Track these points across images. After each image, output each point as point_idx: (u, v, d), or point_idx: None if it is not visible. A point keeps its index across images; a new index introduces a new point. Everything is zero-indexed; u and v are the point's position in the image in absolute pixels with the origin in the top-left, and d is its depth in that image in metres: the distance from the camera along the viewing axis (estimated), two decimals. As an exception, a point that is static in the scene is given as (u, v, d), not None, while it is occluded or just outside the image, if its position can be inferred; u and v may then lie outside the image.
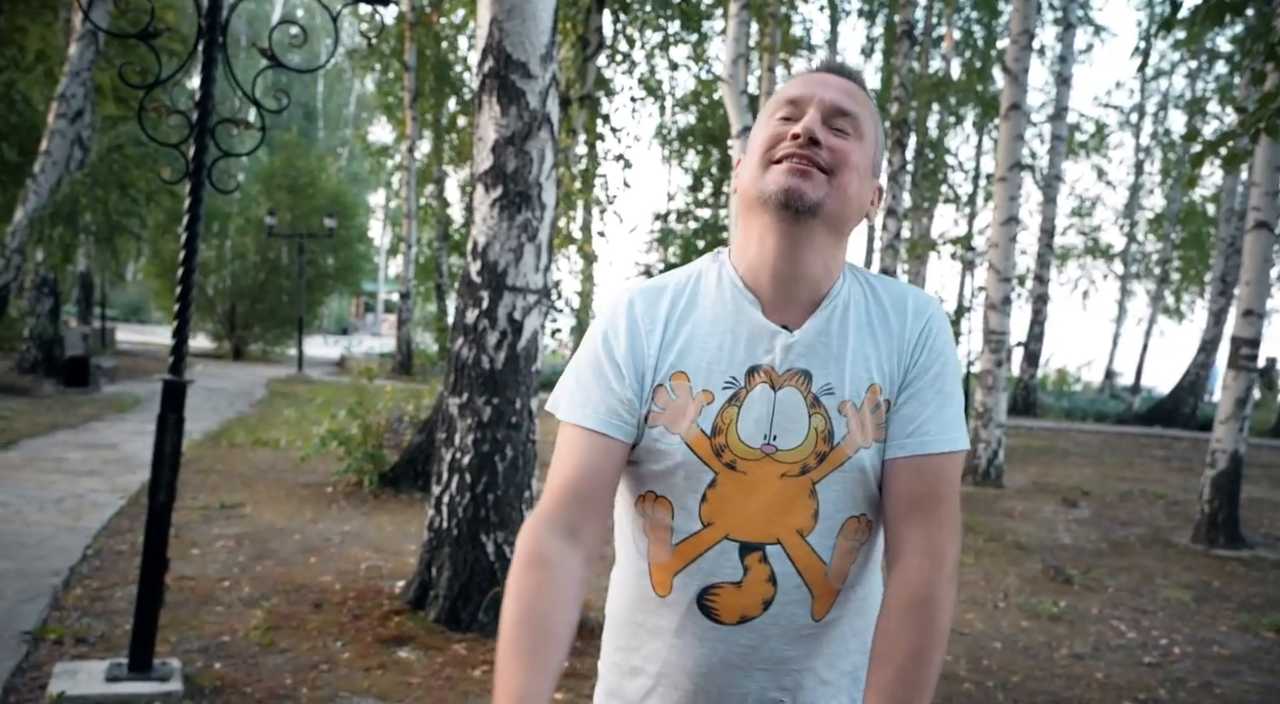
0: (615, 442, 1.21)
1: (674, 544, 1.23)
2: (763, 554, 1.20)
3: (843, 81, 1.24)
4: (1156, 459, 12.85)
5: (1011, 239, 9.87)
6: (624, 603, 1.32)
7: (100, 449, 8.50)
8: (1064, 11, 18.26)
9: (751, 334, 1.21)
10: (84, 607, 4.26)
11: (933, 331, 1.24)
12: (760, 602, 1.21)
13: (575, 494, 1.20)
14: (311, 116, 41.92)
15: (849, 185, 1.19)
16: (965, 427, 1.25)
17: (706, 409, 1.20)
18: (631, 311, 1.25)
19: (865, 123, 1.22)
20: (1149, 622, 5.14)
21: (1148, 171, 25.38)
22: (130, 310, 35.27)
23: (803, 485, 1.19)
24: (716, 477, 1.20)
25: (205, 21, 3.34)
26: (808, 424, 1.19)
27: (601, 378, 1.23)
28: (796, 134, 1.18)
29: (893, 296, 1.26)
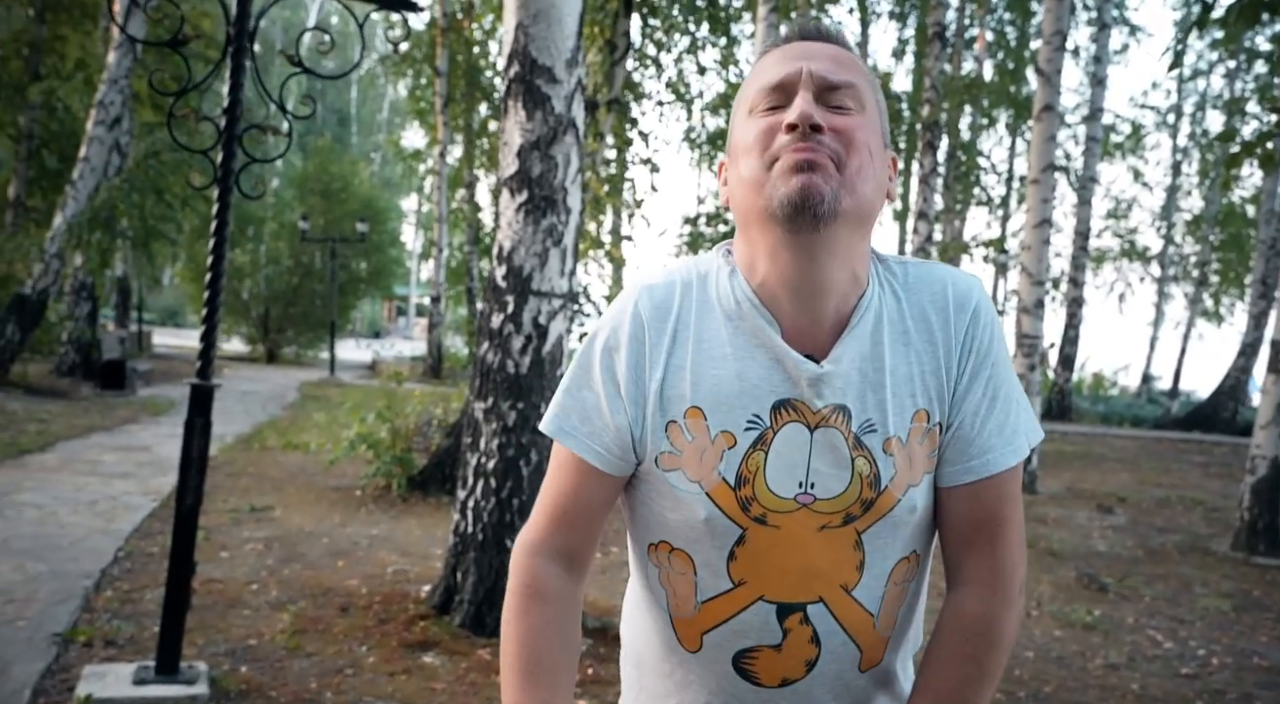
0: (607, 476, 1.10)
1: (701, 601, 1.09)
2: (804, 615, 1.06)
3: (828, 47, 1.04)
4: (1195, 465, 12.63)
5: (1045, 242, 9.75)
6: (652, 648, 1.17)
7: (134, 451, 8.61)
8: (1099, 12, 18.02)
9: (773, 362, 1.03)
10: (114, 609, 4.30)
11: (979, 327, 1.07)
12: (804, 664, 1.08)
13: (567, 520, 1.12)
14: (345, 122, 42.37)
15: (864, 170, 1.00)
16: (1029, 419, 1.09)
17: (728, 454, 1.03)
18: (637, 317, 1.08)
19: (864, 90, 1.03)
20: (1186, 632, 5.04)
21: (1185, 173, 25.00)
22: (167, 314, 35.78)
23: (847, 536, 1.04)
24: (745, 532, 1.04)
25: (234, 29, 3.36)
26: (851, 469, 1.03)
27: (599, 398, 1.09)
28: (793, 124, 0.98)
29: (929, 291, 1.08)
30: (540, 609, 1.09)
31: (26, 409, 10.67)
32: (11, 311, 12.49)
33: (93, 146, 12.54)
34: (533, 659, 1.06)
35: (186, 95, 3.48)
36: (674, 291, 1.09)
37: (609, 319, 1.12)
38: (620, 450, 1.08)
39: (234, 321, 24.61)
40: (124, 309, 21.41)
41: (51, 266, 12.68)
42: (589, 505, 1.11)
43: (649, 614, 1.16)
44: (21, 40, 15.31)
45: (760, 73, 1.05)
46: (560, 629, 1.09)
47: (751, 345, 1.05)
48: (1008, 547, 1.08)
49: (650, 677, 1.18)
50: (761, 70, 1.05)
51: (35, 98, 14.92)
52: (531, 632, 1.08)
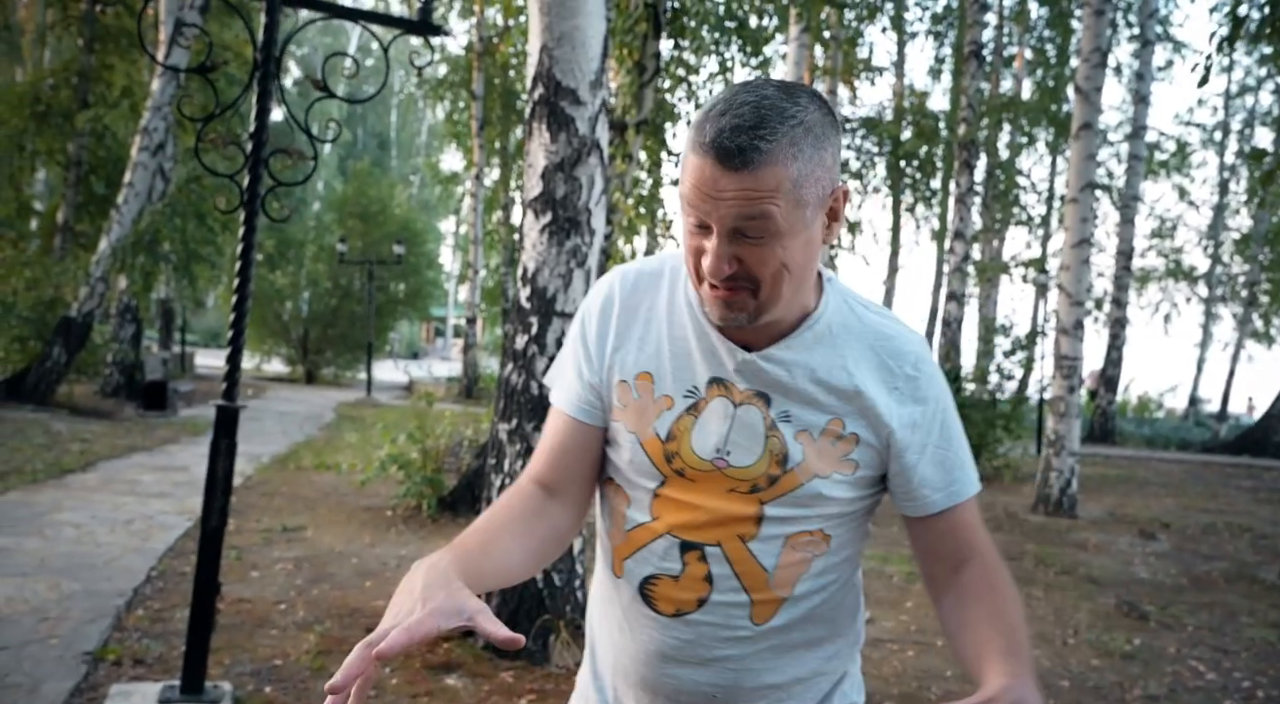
0: (586, 426, 1.27)
1: (626, 530, 1.26)
2: (701, 553, 1.21)
3: (738, 179, 1.04)
4: (1243, 490, 12.33)
5: (1084, 262, 9.60)
6: (597, 579, 1.36)
7: (172, 471, 8.73)
8: (1142, 28, 17.82)
9: (715, 346, 1.20)
10: (144, 628, 4.34)
11: (923, 376, 1.22)
12: (695, 599, 1.22)
13: (551, 458, 1.27)
14: (385, 146, 43.00)
15: (779, 282, 1.10)
16: (970, 462, 1.25)
17: (665, 414, 1.22)
18: (609, 296, 1.27)
19: (778, 206, 1.05)
20: (1230, 662, 4.89)
21: (1233, 191, 24.60)
22: (210, 336, 36.35)
23: (750, 502, 1.20)
24: (666, 479, 1.22)
25: (260, 54, 3.41)
26: (763, 445, 1.19)
27: (575, 360, 1.28)
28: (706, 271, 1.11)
29: (877, 333, 1.22)
30: (504, 500, 1.24)
31: (71, 429, 10.87)
32: (58, 334, 12.75)
33: (137, 172, 12.82)
34: (478, 522, 1.20)
35: (216, 120, 3.53)
36: (643, 278, 1.28)
37: (590, 297, 1.32)
38: (596, 400, 1.27)
39: (274, 343, 24.95)
40: (167, 331, 21.81)
41: (97, 290, 12.94)
42: (568, 447, 1.27)
43: (600, 544, 1.34)
44: (71, 69, 15.72)
45: (685, 173, 1.10)
46: (512, 509, 1.22)
47: (701, 330, 1.22)
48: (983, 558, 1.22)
49: (596, 604, 1.36)
50: (686, 171, 1.10)
51: (83, 125, 15.29)
52: (488, 509, 1.23)
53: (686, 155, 1.10)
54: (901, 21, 19.51)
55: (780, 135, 1.04)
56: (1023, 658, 1.07)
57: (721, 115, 1.06)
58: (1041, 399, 13.96)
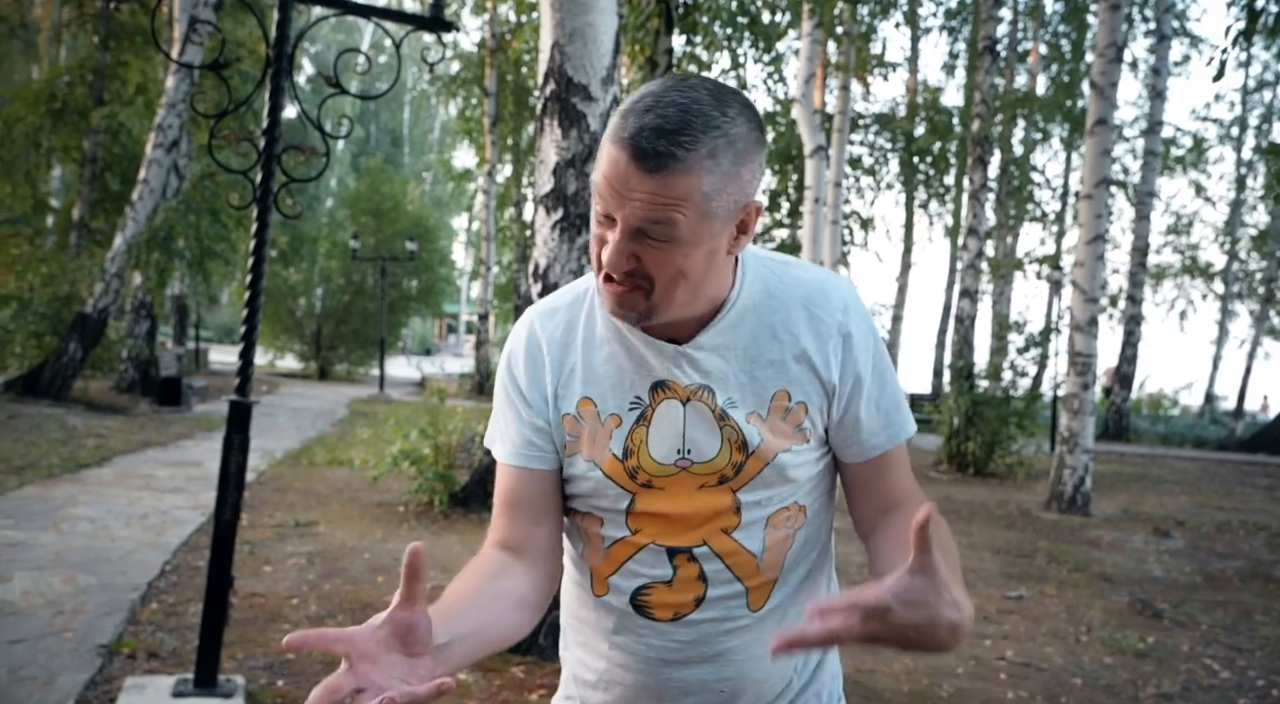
0: (538, 472, 1.24)
1: (605, 548, 1.25)
2: (690, 554, 1.21)
3: (650, 181, 1.02)
4: (1259, 488, 12.24)
5: (1098, 258, 9.55)
6: (570, 601, 1.35)
7: (187, 466, 8.78)
8: (1158, 23, 17.70)
9: (644, 352, 1.19)
10: (158, 621, 4.37)
11: (853, 323, 1.20)
12: (692, 599, 1.22)
13: (511, 516, 1.24)
14: (398, 142, 43.08)
15: (673, 287, 1.09)
16: (904, 401, 1.25)
17: (616, 432, 1.20)
18: (532, 337, 1.25)
19: (684, 215, 1.04)
20: (1245, 661, 4.86)
21: (1250, 187, 24.40)
22: (224, 332, 36.53)
23: (723, 493, 1.20)
24: (634, 496, 1.21)
25: (273, 51, 3.43)
26: (720, 437, 1.18)
27: (511, 408, 1.25)
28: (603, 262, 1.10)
29: (800, 289, 1.21)
30: (475, 562, 1.21)
31: (86, 425, 10.95)
32: (74, 330, 12.84)
33: (152, 169, 12.88)
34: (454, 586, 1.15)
35: (229, 116, 3.54)
36: (560, 311, 1.26)
37: (509, 344, 1.29)
38: (546, 444, 1.24)
39: (287, 339, 25.06)
40: (181, 327, 21.94)
41: (112, 286, 13.02)
42: (526, 501, 1.24)
43: (572, 571, 1.33)
44: (86, 67, 15.81)
45: (600, 161, 1.08)
46: (476, 579, 1.17)
47: (627, 340, 1.20)
48: (909, 486, 1.25)
49: (572, 623, 1.35)
50: (601, 159, 1.08)
51: (98, 122, 15.37)
52: (465, 573, 1.19)
53: (605, 143, 1.08)
54: (915, 17, 19.42)
55: (700, 144, 1.02)
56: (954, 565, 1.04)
57: (646, 111, 1.03)
58: (1055, 396, 13.90)
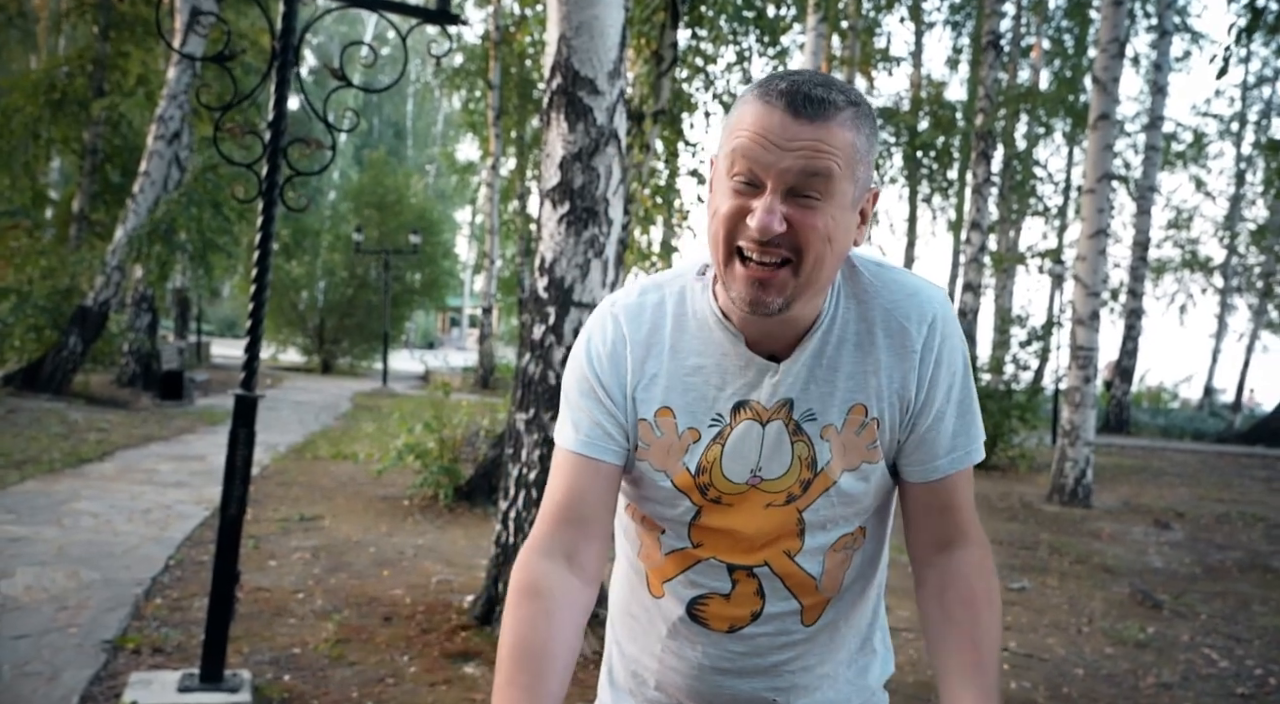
0: (606, 465, 1.18)
1: (664, 553, 1.24)
2: (750, 571, 1.21)
3: (809, 129, 1.02)
4: (1258, 480, 12.25)
5: (1100, 252, 9.55)
6: (624, 594, 1.33)
7: (189, 461, 8.78)
8: (1159, 19, 17.66)
9: (738, 368, 1.16)
10: (163, 616, 4.37)
11: (936, 337, 1.16)
12: (749, 613, 1.22)
13: (568, 519, 1.17)
14: (401, 135, 43.02)
15: (821, 260, 1.06)
16: (979, 427, 1.21)
17: (693, 447, 1.18)
18: (617, 333, 1.20)
19: (838, 171, 1.04)
20: (1244, 651, 4.87)
21: (1250, 181, 24.38)
22: (226, 325, 36.56)
23: (789, 513, 1.18)
24: (701, 509, 1.20)
25: (279, 43, 3.41)
26: (791, 453, 1.16)
27: (589, 397, 1.20)
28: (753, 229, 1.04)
29: (890, 298, 1.17)
30: (531, 602, 1.12)
31: (88, 419, 10.94)
32: (74, 323, 12.83)
33: (153, 161, 12.86)
34: (519, 647, 1.08)
35: (233, 109, 3.53)
36: (646, 308, 1.22)
37: (585, 335, 1.24)
38: (621, 437, 1.19)
39: (290, 332, 25.05)
40: (183, 320, 21.91)
41: (113, 279, 13.01)
42: (588, 500, 1.18)
43: (625, 563, 1.32)
44: (86, 57, 15.76)
45: (743, 125, 1.05)
46: (550, 621, 1.10)
47: (720, 353, 1.17)
48: (975, 520, 1.23)
49: (623, 618, 1.33)
50: (746, 122, 1.05)
51: (99, 114, 15.33)
52: (520, 622, 1.10)
53: (744, 110, 1.06)
54: (919, 11, 19.37)
55: (850, 103, 1.05)
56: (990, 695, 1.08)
57: (789, 76, 1.05)
58: (1057, 389, 13.90)
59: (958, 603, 1.16)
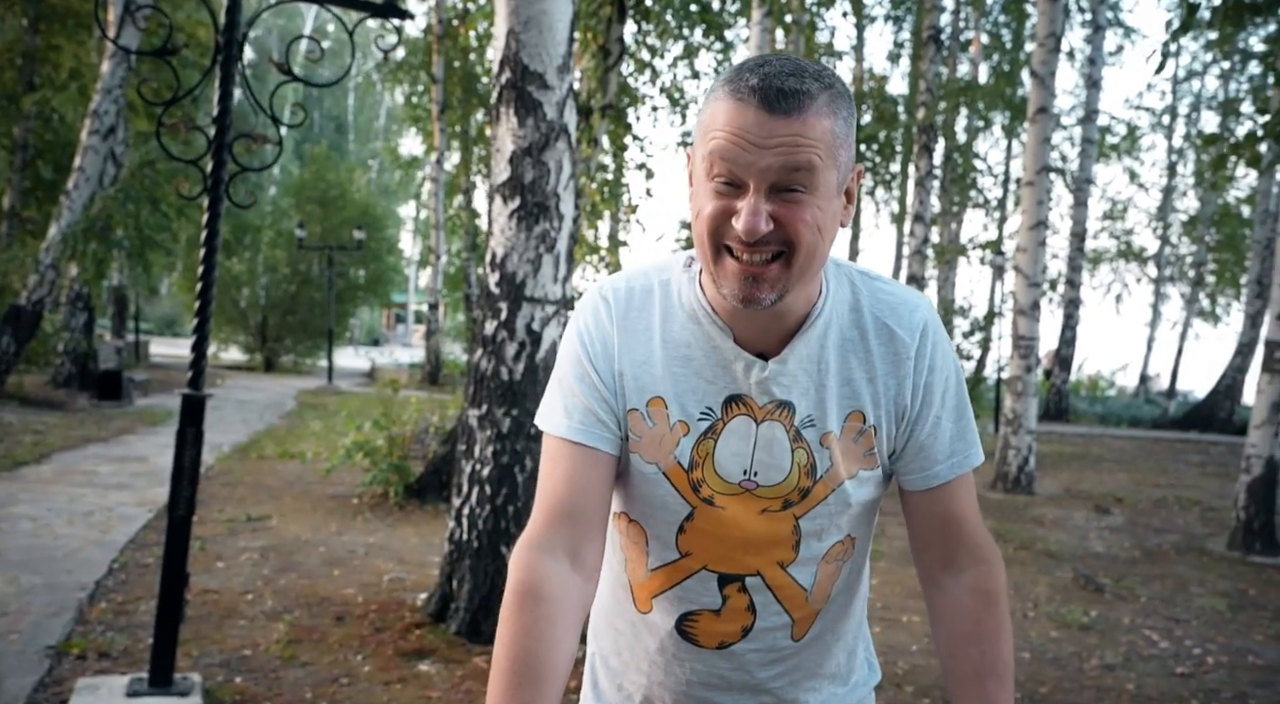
0: (604, 454, 1.15)
1: (651, 568, 1.20)
2: (741, 585, 1.18)
3: (785, 123, 1.00)
4: (1192, 465, 12.64)
5: (1040, 244, 9.76)
6: (608, 606, 1.30)
7: (130, 462, 8.60)
8: (1093, 14, 18.07)
9: (727, 362, 1.13)
10: (108, 621, 4.29)
11: (931, 346, 1.16)
12: (739, 629, 1.20)
13: (568, 513, 1.12)
14: (343, 129, 42.39)
15: (813, 250, 1.04)
16: (975, 431, 1.20)
17: (684, 440, 1.14)
18: (608, 310, 1.17)
19: (820, 158, 1.02)
20: (1182, 631, 5.03)
21: (1181, 173, 25.07)
22: (164, 324, 35.74)
23: (785, 520, 1.15)
24: (694, 511, 1.16)
25: (223, 38, 3.36)
26: (790, 459, 1.13)
27: (583, 381, 1.16)
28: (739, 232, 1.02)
29: (883, 307, 1.16)
30: (534, 607, 1.06)
31: (22, 421, 10.65)
32: (7, 323, 12.46)
33: (87, 156, 12.54)
34: (520, 659, 1.03)
35: (177, 104, 3.47)
36: (635, 294, 1.19)
37: (578, 317, 1.21)
38: (615, 424, 1.16)
39: (231, 330, 24.60)
40: (120, 319, 21.41)
41: (47, 277, 12.66)
42: (586, 491, 1.13)
43: (612, 576, 1.27)
44: (15, 50, 15.30)
45: (717, 125, 1.02)
46: (554, 629, 1.06)
47: (709, 346, 1.14)
48: (980, 528, 1.21)
49: (607, 632, 1.30)
50: (719, 121, 1.02)
51: (29, 108, 14.90)
52: (523, 631, 1.05)
53: (716, 108, 1.03)
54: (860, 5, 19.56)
55: (824, 88, 1.02)
56: None
57: (759, 67, 1.02)
58: (999, 379, 14.18)
59: (966, 641, 1.16)
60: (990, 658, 1.15)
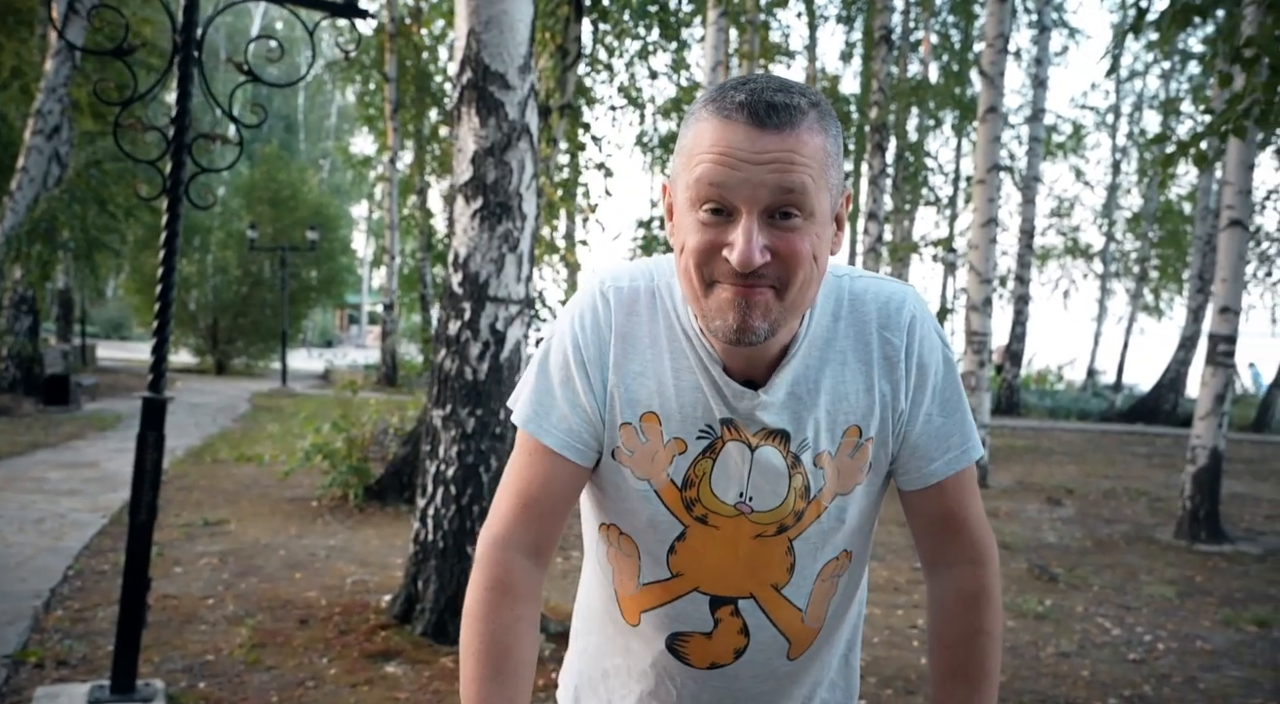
0: (574, 466, 1.11)
1: (643, 582, 1.17)
2: (734, 607, 1.14)
3: (777, 139, 0.95)
4: (1139, 456, 12.94)
5: (991, 241, 9.94)
6: (596, 616, 1.27)
7: (81, 468, 8.43)
8: (1039, 15, 18.42)
9: (720, 386, 1.09)
10: (65, 628, 4.22)
11: (917, 341, 1.11)
12: (732, 651, 1.16)
13: (538, 513, 1.11)
14: (292, 129, 41.81)
15: (806, 282, 1.00)
16: (971, 426, 1.17)
17: (679, 459, 1.10)
18: (607, 311, 1.11)
19: (812, 183, 0.97)
20: (1133, 618, 5.17)
21: (1124, 171, 25.61)
22: (111, 327, 35.03)
23: (779, 543, 1.12)
24: (687, 530, 1.12)
25: (181, 37, 3.33)
26: (787, 485, 1.10)
27: (567, 386, 1.11)
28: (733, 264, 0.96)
29: (866, 309, 1.11)
30: (511, 605, 1.08)
31: (-33, 426, 10.40)
32: (-51, 327, 12.16)
33: (31, 157, 12.26)
34: (500, 657, 1.05)
35: (134, 104, 3.43)
36: (639, 297, 1.12)
37: (575, 311, 1.13)
38: (592, 440, 1.11)
39: (181, 333, 24.17)
40: (66, 322, 20.94)
41: (-10, 280, 12.37)
42: (558, 496, 1.12)
43: (598, 584, 1.24)
44: (-46, 49, 14.90)
45: (701, 147, 0.97)
46: (528, 627, 1.08)
47: (701, 368, 1.09)
48: (978, 525, 1.17)
49: (595, 636, 1.27)
50: (704, 142, 0.97)
51: (-32, 107, 14.53)
52: (501, 629, 1.06)
53: (699, 129, 0.98)
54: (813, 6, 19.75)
55: (811, 105, 0.98)
56: None
57: (742, 85, 0.97)
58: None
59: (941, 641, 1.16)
60: (962, 660, 1.14)
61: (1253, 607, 5.43)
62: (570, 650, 1.33)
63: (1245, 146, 7.23)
